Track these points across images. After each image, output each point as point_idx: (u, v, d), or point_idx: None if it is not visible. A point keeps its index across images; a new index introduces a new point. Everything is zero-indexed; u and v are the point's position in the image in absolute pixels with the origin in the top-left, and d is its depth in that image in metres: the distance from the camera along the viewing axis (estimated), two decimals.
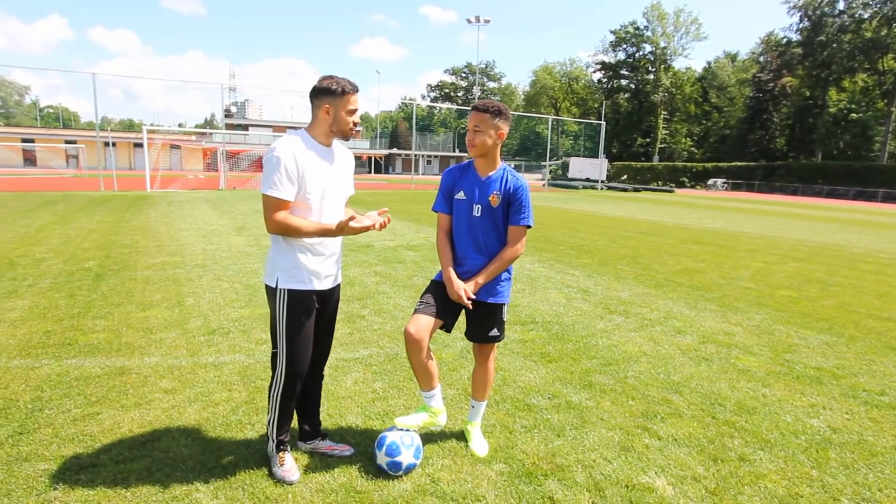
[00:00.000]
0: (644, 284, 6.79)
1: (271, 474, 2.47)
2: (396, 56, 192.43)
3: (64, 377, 3.47)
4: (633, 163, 60.73)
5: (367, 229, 2.34)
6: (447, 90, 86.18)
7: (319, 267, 2.41)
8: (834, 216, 22.36)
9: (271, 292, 2.39)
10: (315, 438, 2.70)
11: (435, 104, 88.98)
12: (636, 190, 41.42)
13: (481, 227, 2.61)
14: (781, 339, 4.80)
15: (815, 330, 5.11)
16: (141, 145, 24.17)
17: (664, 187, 46.43)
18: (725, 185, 50.35)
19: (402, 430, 2.56)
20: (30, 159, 43.59)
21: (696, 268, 8.12)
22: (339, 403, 3.22)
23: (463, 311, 2.68)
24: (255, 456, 2.63)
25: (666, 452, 2.80)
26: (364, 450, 2.72)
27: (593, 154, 56.35)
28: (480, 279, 2.58)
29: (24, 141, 44.01)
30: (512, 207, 2.59)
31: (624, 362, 4.06)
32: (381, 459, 2.50)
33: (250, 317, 4.85)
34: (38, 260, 7.01)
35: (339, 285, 2.60)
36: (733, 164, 54.94)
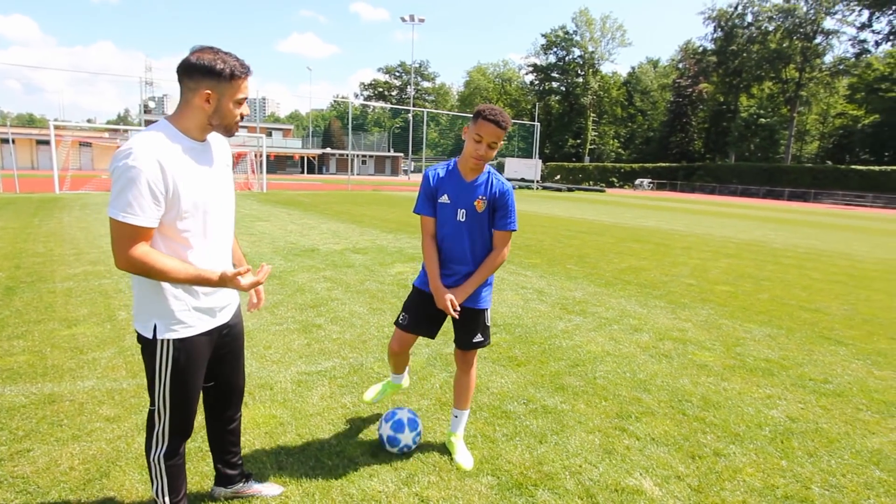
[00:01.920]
0: (595, 283, 6.94)
1: None
2: (327, 53, 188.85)
3: None
4: (565, 163, 62.92)
5: (257, 284, 1.80)
6: (381, 89, 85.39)
7: (213, 300, 1.87)
8: (750, 214, 24.15)
9: (147, 344, 1.81)
10: (238, 482, 2.30)
11: (369, 103, 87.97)
12: (570, 189, 42.89)
13: (466, 233, 2.53)
14: (729, 332, 5.03)
15: (756, 323, 5.41)
16: (46, 142, 22.12)
17: (596, 187, 48.39)
18: (651, 185, 53.26)
19: (412, 412, 2.77)
20: None
21: (640, 266, 8.43)
22: (309, 422, 3.01)
23: (449, 318, 2.62)
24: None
25: (647, 452, 2.82)
26: (343, 472, 2.54)
27: (527, 154, 57.77)
28: (469, 288, 2.54)
29: None
30: (498, 213, 2.52)
31: (590, 363, 4.09)
32: (384, 430, 2.68)
33: None
34: None
35: (238, 308, 2.13)
36: (658, 164, 58.25)
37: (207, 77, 1.67)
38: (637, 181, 54.07)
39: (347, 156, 35.85)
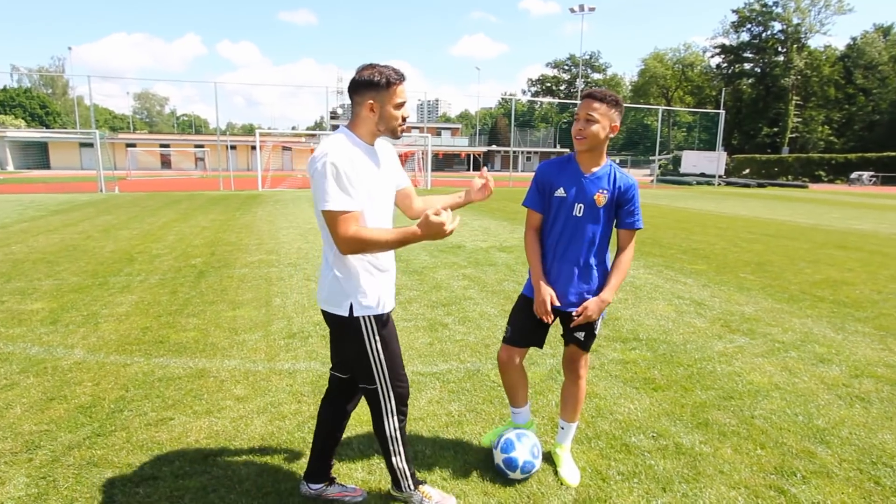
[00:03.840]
0: (774, 297, 5.80)
1: None
2: (496, 52, 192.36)
3: (149, 376, 3.53)
4: (757, 155, 55.01)
5: (448, 228, 1.84)
6: (548, 84, 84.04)
7: (387, 285, 2.10)
8: None
9: (347, 323, 2.01)
10: (323, 482, 2.31)
11: (535, 99, 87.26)
12: (761, 185, 37.39)
13: (583, 229, 2.34)
14: None
15: None
16: (263, 147, 26.13)
17: (796, 182, 41.48)
18: (874, 180, 43.79)
19: (516, 429, 2.52)
20: (166, 162, 49.42)
21: (842, 278, 6.86)
22: (411, 426, 2.92)
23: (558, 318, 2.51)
24: None
25: None
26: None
27: (710, 146, 51.87)
28: (608, 296, 2.34)
29: (161, 146, 50.11)
30: (623, 209, 2.35)
31: (750, 396, 3.36)
32: (497, 458, 2.45)
33: None
34: (153, 256, 7.56)
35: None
36: (884, 154, 47.64)
37: (369, 89, 1.92)
38: (854, 174, 44.81)
39: (511, 152, 36.03)
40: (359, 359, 2.05)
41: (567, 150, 63.84)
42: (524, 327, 2.49)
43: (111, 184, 22.58)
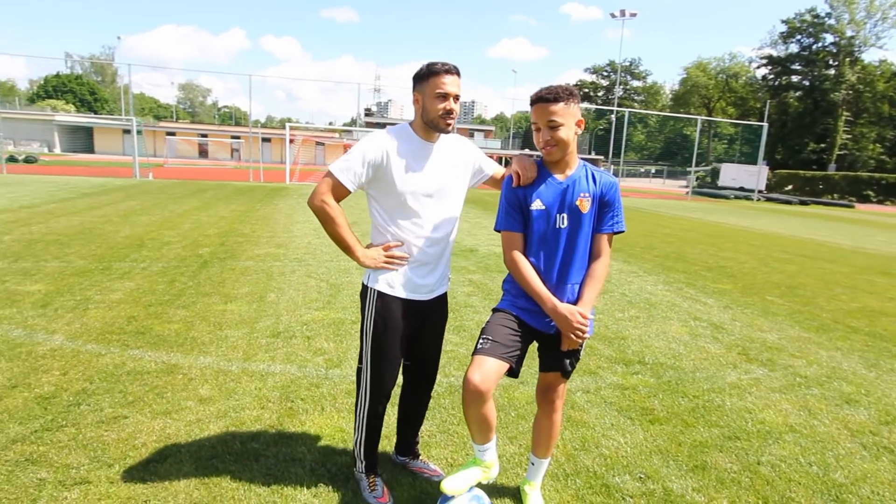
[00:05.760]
0: (801, 325, 5.35)
1: (362, 497, 2.25)
2: (536, 56, 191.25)
3: (119, 369, 3.40)
4: (801, 171, 52.84)
5: (380, 265, 2.11)
6: (586, 89, 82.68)
7: (410, 274, 2.15)
8: None
9: (363, 291, 2.19)
10: (407, 456, 2.54)
11: None
12: (803, 203, 35.84)
13: (571, 242, 2.04)
14: None
15: None
16: (291, 141, 26.43)
17: (841, 201, 39.61)
18: None
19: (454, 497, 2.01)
20: (203, 152, 50.76)
21: (881, 308, 6.31)
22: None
23: (534, 344, 2.18)
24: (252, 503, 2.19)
25: None
26: None
27: (751, 160, 50.03)
28: (586, 308, 2.01)
29: (200, 136, 51.43)
30: (604, 210, 2.06)
31: (759, 438, 3.00)
32: None
33: (321, 321, 4.56)
34: (163, 243, 7.55)
35: (443, 296, 2.32)
36: None
37: (415, 82, 2.08)
38: None
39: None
40: (360, 328, 2.19)
41: (601, 157, 62.62)
42: (507, 339, 2.02)
43: (146, 170, 23.13)
